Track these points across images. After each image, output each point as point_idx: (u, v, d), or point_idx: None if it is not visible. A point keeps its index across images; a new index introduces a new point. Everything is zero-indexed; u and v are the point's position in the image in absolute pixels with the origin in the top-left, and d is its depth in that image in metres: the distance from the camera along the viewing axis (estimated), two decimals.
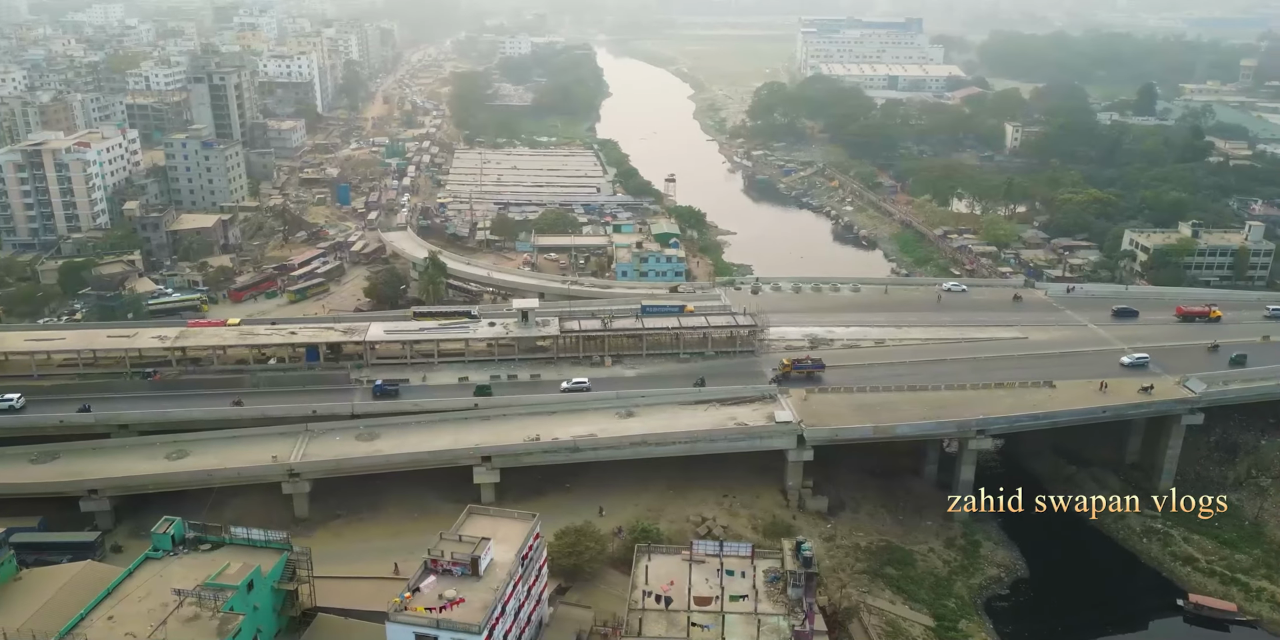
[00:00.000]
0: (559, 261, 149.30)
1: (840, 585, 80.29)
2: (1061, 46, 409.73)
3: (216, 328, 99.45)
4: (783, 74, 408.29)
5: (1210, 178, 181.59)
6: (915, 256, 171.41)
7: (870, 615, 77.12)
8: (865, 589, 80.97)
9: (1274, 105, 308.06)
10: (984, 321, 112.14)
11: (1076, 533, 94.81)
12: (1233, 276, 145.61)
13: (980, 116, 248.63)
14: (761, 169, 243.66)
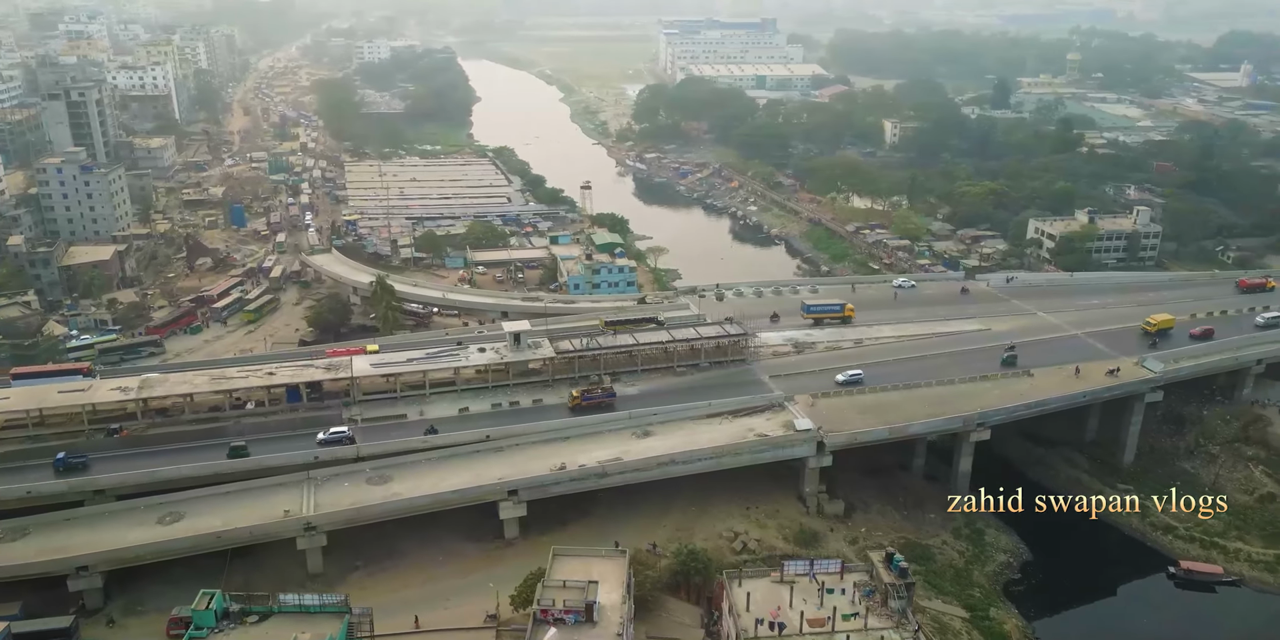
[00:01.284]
0: (496, 277, 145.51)
1: None
2: (904, 44, 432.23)
3: (192, 374, 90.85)
4: (648, 75, 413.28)
5: (1086, 166, 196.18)
6: (831, 253, 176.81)
7: (916, 613, 79.16)
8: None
9: (1101, 95, 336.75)
10: (945, 315, 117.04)
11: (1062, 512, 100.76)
12: (1126, 258, 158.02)
13: (858, 114, 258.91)
14: (657, 172, 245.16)
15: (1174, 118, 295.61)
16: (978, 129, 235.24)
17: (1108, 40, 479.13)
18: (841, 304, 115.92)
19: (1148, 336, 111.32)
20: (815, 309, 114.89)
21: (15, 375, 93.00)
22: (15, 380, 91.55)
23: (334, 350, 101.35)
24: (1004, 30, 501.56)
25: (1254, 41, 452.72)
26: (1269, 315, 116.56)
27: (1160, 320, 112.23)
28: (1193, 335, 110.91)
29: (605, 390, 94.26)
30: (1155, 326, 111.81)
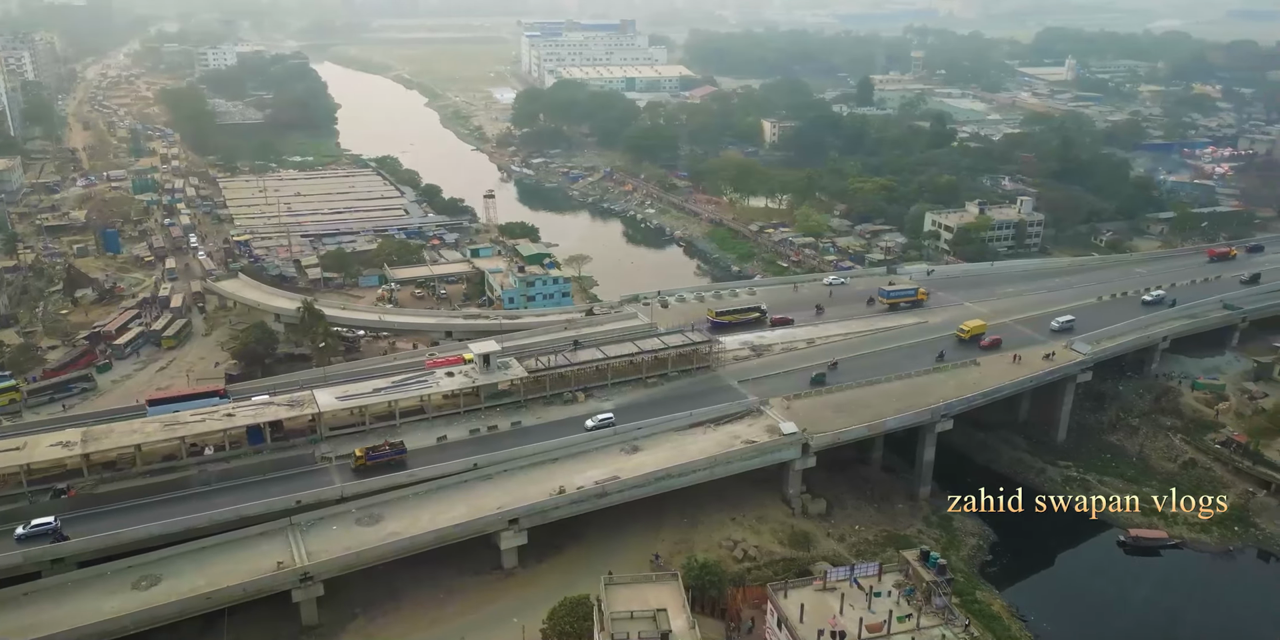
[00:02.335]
0: (415, 294, 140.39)
1: None
2: (757, 44, 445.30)
3: (139, 422, 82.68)
4: (511, 78, 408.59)
5: (963, 160, 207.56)
6: (738, 253, 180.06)
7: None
8: None
9: (947, 91, 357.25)
10: (883, 310, 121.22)
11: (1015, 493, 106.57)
12: (1014, 245, 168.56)
13: (736, 115, 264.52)
14: (546, 177, 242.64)
15: (1015, 111, 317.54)
16: (851, 127, 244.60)
17: (939, 38, 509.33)
18: (916, 288, 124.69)
19: (962, 343, 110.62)
20: (893, 294, 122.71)
21: (151, 401, 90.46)
22: (151, 406, 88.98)
23: (433, 360, 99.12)
24: (848, 30, 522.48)
25: (1068, 37, 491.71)
26: (1155, 293, 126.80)
27: (973, 326, 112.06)
28: (981, 346, 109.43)
29: (394, 446, 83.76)
30: (969, 332, 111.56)
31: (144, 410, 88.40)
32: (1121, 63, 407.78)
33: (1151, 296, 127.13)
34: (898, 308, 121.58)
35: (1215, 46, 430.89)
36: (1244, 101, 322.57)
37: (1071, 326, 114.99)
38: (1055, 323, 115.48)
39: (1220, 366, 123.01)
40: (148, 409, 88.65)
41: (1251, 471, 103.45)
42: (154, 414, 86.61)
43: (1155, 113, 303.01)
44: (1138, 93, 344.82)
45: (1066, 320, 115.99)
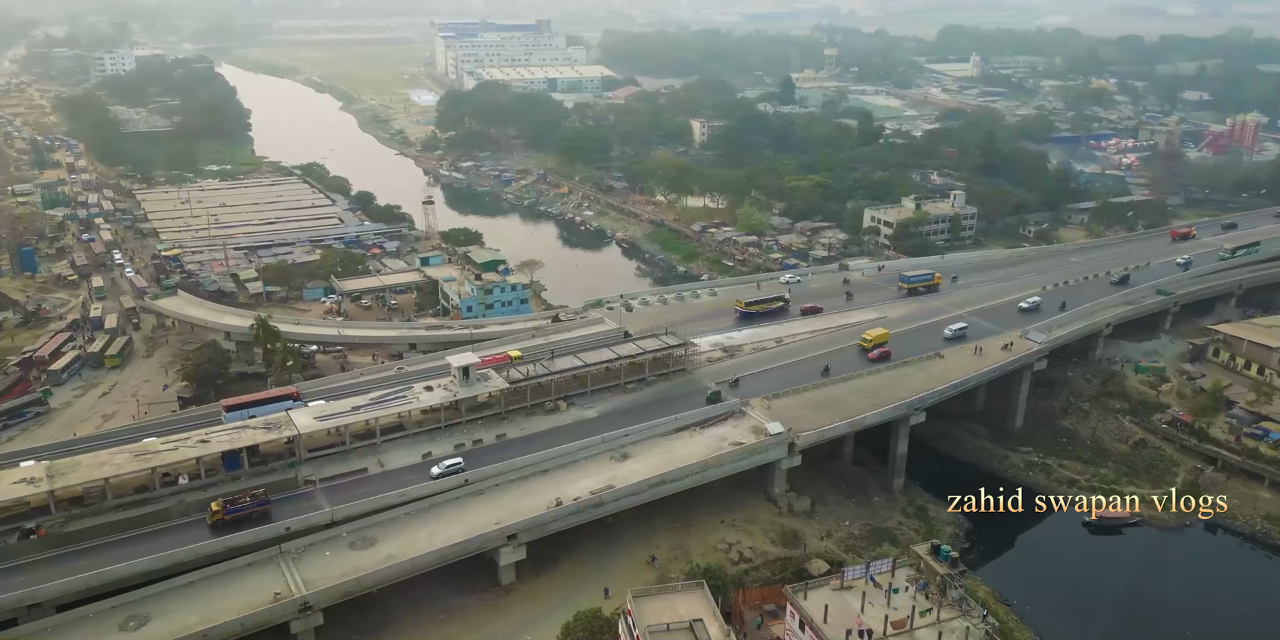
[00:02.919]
0: (363, 305, 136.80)
1: None
2: (672, 43, 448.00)
3: (106, 453, 77.91)
4: (427, 80, 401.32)
5: (892, 156, 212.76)
6: (682, 253, 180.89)
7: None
8: None
9: (861, 88, 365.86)
10: (841, 307, 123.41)
11: (981, 481, 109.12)
12: (950, 238, 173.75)
13: (664, 115, 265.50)
14: (477, 181, 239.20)
15: (927, 106, 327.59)
16: (778, 125, 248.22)
17: (847, 36, 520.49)
18: (932, 273, 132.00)
19: (864, 352, 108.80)
20: (913, 279, 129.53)
21: (228, 407, 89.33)
22: (228, 412, 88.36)
23: (488, 358, 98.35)
24: (759, 29, 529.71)
25: (967, 34, 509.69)
26: (1031, 300, 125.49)
27: (875, 336, 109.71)
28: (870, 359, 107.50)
29: (256, 497, 75.09)
30: (871, 343, 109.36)
31: (105, 438, 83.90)
32: (1021, 59, 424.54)
33: (1028, 303, 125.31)
34: (916, 292, 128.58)
35: (1105, 42, 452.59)
36: (1138, 94, 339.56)
37: (1038, 306, 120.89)
38: (1023, 303, 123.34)
39: (1158, 350, 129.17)
40: (224, 415, 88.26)
41: (1198, 449, 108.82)
42: (230, 419, 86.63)
43: (1059, 107, 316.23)
44: (1040, 87, 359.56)
45: (1033, 301, 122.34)
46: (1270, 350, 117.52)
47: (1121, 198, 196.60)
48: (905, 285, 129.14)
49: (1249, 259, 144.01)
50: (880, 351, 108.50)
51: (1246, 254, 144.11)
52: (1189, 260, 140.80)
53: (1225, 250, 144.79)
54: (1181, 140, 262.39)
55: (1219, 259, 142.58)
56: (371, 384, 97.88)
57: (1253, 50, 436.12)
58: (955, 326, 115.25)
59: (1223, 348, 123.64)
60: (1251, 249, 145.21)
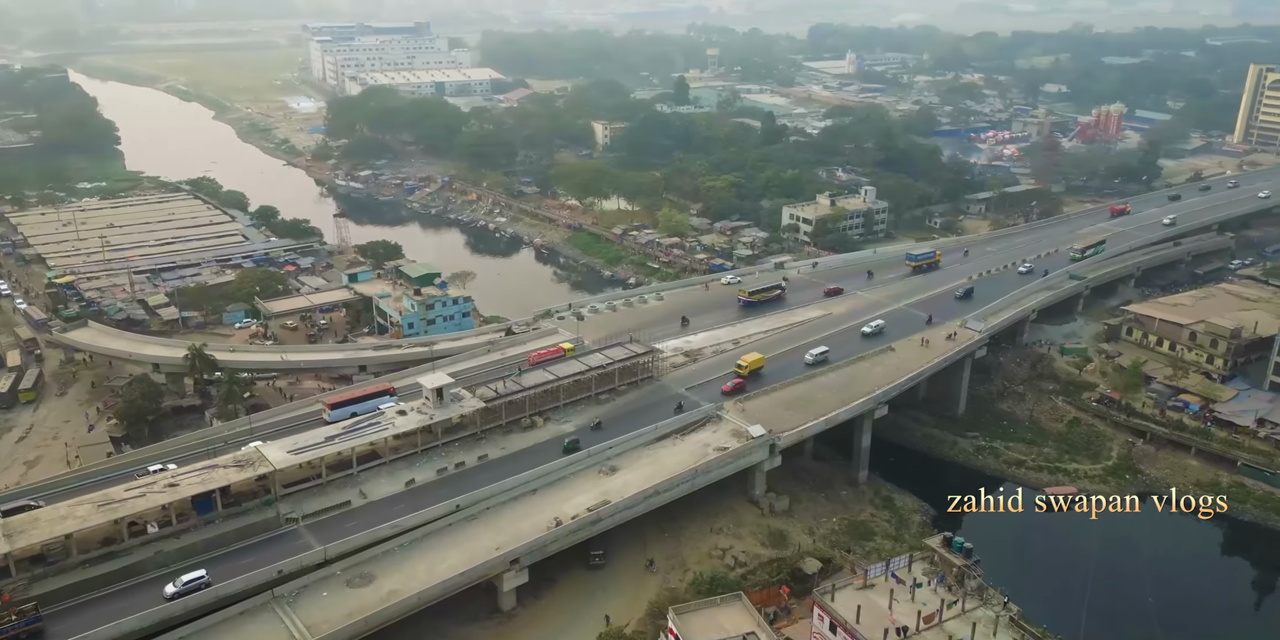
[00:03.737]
0: (287, 325, 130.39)
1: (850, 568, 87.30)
2: (555, 44, 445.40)
3: (66, 505, 71.07)
4: (303, 86, 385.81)
5: (798, 154, 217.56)
6: (605, 257, 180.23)
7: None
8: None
9: (747, 87, 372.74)
10: (788, 305, 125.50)
11: (936, 467, 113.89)
12: (864, 233, 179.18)
13: (564, 117, 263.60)
14: (378, 190, 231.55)
15: (811, 104, 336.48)
16: (680, 126, 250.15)
17: (723, 35, 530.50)
18: (933, 251, 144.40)
19: (739, 372, 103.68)
20: (917, 257, 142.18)
21: (332, 405, 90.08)
22: (333, 410, 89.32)
23: (536, 354, 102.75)
24: (637, 29, 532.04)
25: (836, 32, 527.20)
26: (964, 289, 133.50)
27: (750, 361, 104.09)
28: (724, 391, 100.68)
29: (23, 614, 63.46)
30: (746, 368, 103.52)
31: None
32: (891, 55, 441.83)
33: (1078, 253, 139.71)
34: (920, 270, 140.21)
35: (963, 39, 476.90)
36: (1004, 88, 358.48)
37: (971, 295, 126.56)
38: (958, 292, 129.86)
39: (1076, 332, 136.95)
40: (329, 413, 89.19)
41: (1127, 424, 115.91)
42: (336, 417, 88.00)
43: (935, 101, 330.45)
44: (914, 83, 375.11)
45: (966, 290, 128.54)
46: (1180, 327, 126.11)
47: (1012, 187, 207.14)
48: (911, 263, 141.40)
49: (1100, 257, 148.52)
50: (734, 383, 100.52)
51: (1094, 254, 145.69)
52: (969, 290, 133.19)
53: (1075, 251, 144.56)
54: (1051, 131, 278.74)
55: (1070, 261, 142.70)
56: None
57: (1095, 44, 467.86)
58: (873, 324, 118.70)
59: (1135, 327, 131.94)
60: (1098, 248, 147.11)
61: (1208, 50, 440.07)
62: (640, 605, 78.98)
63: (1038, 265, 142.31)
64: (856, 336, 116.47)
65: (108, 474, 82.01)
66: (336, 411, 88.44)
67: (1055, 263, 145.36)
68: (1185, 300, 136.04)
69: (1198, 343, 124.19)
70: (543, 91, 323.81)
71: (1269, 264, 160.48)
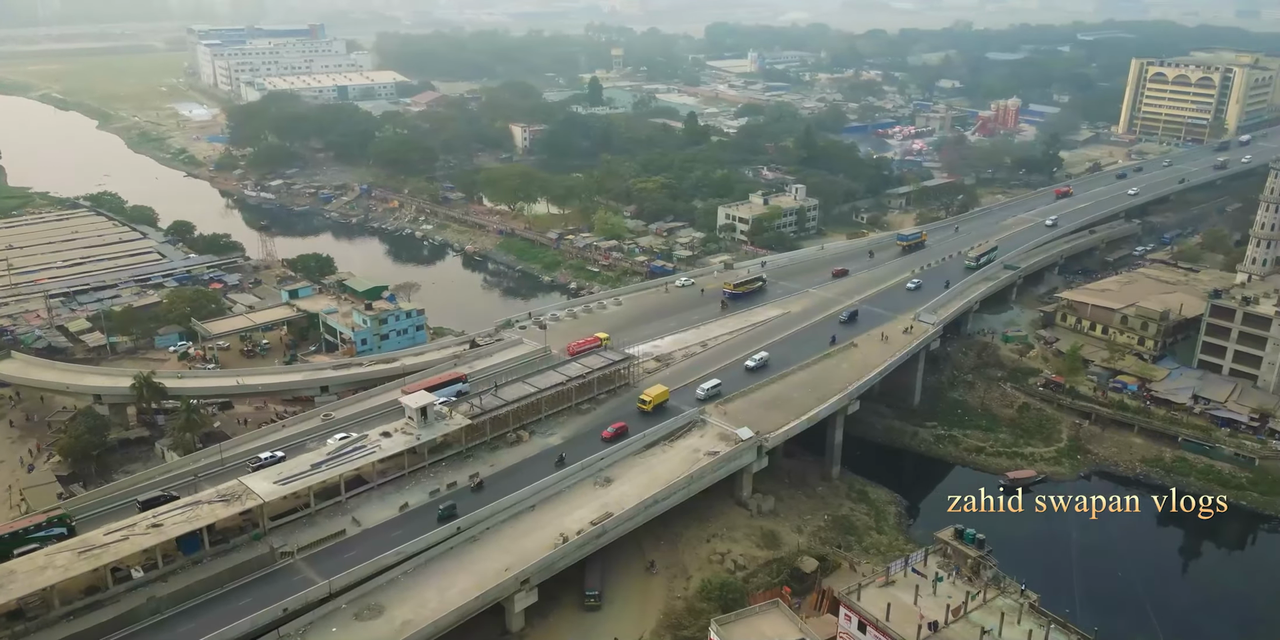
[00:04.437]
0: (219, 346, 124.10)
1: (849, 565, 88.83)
2: (457, 46, 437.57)
3: (42, 555, 65.43)
4: (192, 92, 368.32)
5: (723, 154, 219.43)
6: (542, 262, 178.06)
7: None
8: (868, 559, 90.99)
9: (654, 87, 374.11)
10: (747, 305, 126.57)
11: (900, 458, 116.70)
12: (797, 230, 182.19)
13: (481, 120, 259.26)
14: (292, 199, 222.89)
15: (721, 103, 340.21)
16: (600, 127, 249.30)
17: (622, 35, 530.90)
18: (920, 232, 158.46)
19: (643, 408, 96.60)
20: (906, 238, 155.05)
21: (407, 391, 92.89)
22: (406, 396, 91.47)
23: (575, 344, 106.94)
24: (535, 29, 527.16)
25: (733, 31, 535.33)
26: (914, 281, 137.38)
27: (654, 395, 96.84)
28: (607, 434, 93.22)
29: None
30: (650, 402, 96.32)
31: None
32: (790, 53, 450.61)
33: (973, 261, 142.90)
34: (909, 249, 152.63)
35: (854, 36, 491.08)
36: (901, 84, 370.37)
37: (920, 285, 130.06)
38: (910, 284, 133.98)
39: (1014, 319, 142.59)
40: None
41: (1073, 406, 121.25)
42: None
43: (839, 98, 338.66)
44: (816, 80, 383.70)
45: (917, 282, 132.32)
46: (1112, 311, 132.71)
47: (929, 182, 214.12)
48: (901, 243, 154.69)
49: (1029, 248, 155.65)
50: (615, 428, 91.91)
51: (988, 260, 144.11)
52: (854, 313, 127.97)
53: (971, 258, 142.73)
54: (953, 125, 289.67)
55: (965, 269, 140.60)
56: (302, 436, 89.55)
57: (977, 41, 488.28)
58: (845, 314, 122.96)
59: (1069, 312, 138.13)
60: (991, 254, 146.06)
61: (1080, 45, 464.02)
62: (650, 616, 78.48)
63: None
64: (809, 334, 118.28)
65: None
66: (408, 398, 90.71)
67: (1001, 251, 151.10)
68: (1111, 285, 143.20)
69: (1129, 326, 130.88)
70: (450, 94, 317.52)
71: (1176, 248, 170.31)
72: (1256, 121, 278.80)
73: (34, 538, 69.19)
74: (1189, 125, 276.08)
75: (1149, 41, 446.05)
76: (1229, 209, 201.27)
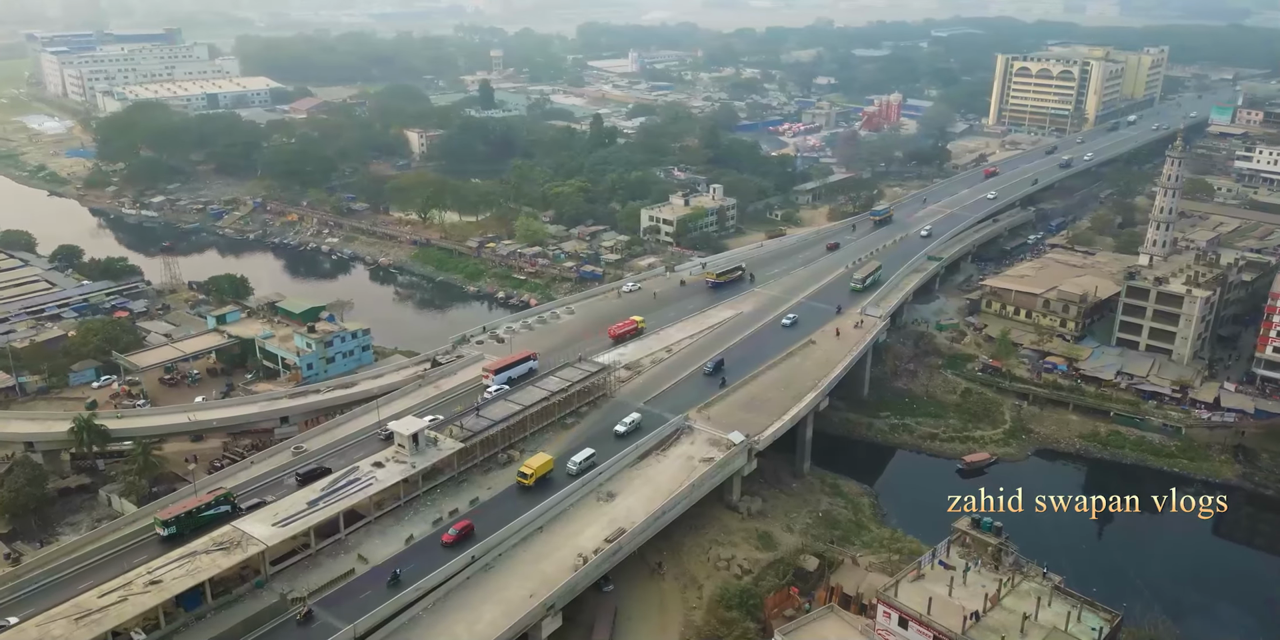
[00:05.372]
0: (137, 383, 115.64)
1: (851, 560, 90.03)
2: (326, 49, 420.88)
3: (33, 625, 58.53)
4: (36, 102, 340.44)
5: (633, 155, 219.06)
6: (464, 272, 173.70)
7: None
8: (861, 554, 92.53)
9: (539, 88, 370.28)
10: (700, 307, 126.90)
11: (860, 448, 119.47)
12: (718, 229, 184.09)
13: (376, 127, 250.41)
14: (177, 217, 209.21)
15: (609, 103, 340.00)
16: (500, 131, 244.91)
17: (492, 35, 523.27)
18: (889, 208, 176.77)
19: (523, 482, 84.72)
20: (878, 213, 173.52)
21: (495, 370, 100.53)
22: (495, 374, 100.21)
23: (616, 327, 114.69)
24: (405, 30, 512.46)
25: (605, 31, 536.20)
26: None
27: (537, 466, 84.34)
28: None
29: None
30: (531, 476, 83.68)
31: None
32: (666, 53, 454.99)
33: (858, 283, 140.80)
34: (881, 222, 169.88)
35: (727, 35, 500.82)
36: (781, 82, 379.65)
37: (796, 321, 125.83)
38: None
39: (942, 308, 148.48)
40: (493, 378, 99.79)
41: (1011, 388, 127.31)
42: (498, 382, 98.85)
43: (723, 97, 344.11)
44: (698, 79, 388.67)
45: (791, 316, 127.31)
46: (1035, 296, 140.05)
47: (832, 178, 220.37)
48: (874, 218, 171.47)
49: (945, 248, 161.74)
50: (459, 528, 77.37)
51: (874, 280, 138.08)
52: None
53: (856, 281, 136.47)
54: (836, 121, 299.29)
55: (851, 291, 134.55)
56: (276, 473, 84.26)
57: (839, 37, 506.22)
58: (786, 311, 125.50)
59: (994, 299, 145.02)
60: (877, 274, 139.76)
61: (936, 41, 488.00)
62: (671, 629, 77.83)
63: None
64: (766, 333, 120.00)
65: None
66: (498, 376, 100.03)
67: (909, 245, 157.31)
68: (1028, 271, 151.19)
69: (1051, 309, 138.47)
70: (331, 100, 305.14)
71: (1070, 233, 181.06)
72: (1111, 111, 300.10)
73: (205, 516, 74.58)
74: (1053, 116, 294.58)
75: (997, 35, 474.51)
76: (1103, 196, 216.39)
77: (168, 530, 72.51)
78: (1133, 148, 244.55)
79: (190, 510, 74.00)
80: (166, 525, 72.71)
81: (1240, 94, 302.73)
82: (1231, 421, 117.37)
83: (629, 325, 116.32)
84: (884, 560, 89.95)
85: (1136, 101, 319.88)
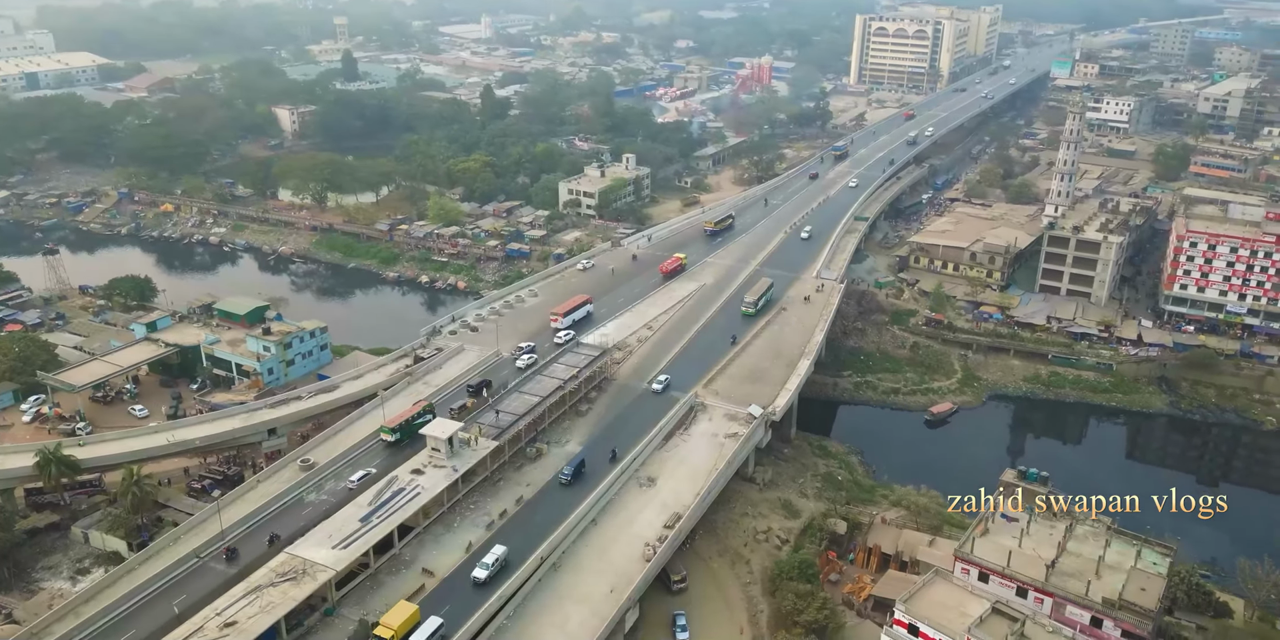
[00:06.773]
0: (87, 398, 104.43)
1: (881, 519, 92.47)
2: (142, 19, 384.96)
3: None
4: None
5: (531, 127, 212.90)
6: (378, 257, 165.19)
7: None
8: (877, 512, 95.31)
9: (393, 57, 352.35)
10: (660, 283, 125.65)
11: (832, 408, 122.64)
12: (634, 199, 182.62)
13: (239, 105, 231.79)
14: (28, 213, 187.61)
15: (473, 71, 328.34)
16: (374, 106, 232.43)
17: (324, 2, 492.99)
18: (845, 144, 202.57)
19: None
20: (838, 148, 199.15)
21: (564, 313, 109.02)
22: (563, 317, 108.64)
23: (665, 263, 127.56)
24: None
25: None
26: (807, 229, 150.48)
27: (399, 623, 62.14)
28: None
29: None
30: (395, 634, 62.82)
31: None
32: (520, 17, 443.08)
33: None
34: (840, 159, 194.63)
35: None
36: (643, 46, 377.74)
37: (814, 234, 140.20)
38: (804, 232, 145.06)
39: (873, 267, 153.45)
40: (561, 320, 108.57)
41: (955, 339, 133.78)
42: (564, 324, 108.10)
43: (589, 62, 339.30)
44: (557, 45, 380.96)
45: (809, 230, 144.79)
46: (961, 250, 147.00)
47: (729, 142, 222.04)
48: (835, 154, 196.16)
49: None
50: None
51: (766, 300, 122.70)
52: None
53: (748, 305, 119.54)
54: (709, 84, 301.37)
55: (743, 315, 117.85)
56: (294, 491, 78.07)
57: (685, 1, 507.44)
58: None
59: (922, 254, 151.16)
60: (769, 294, 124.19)
61: (779, 2, 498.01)
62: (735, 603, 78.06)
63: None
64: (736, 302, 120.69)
65: None
66: (565, 319, 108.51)
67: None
68: (947, 226, 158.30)
69: (978, 261, 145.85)
70: (172, 76, 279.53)
71: (964, 186, 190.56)
72: (962, 68, 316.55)
73: (418, 423, 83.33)
74: (910, 74, 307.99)
75: None
76: (975, 151, 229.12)
77: (394, 436, 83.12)
78: (1011, 92, 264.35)
79: (409, 418, 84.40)
80: (392, 432, 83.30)
81: (1078, 48, 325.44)
82: (1155, 355, 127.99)
83: (675, 262, 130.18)
84: (901, 516, 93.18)
85: (979, 57, 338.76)
